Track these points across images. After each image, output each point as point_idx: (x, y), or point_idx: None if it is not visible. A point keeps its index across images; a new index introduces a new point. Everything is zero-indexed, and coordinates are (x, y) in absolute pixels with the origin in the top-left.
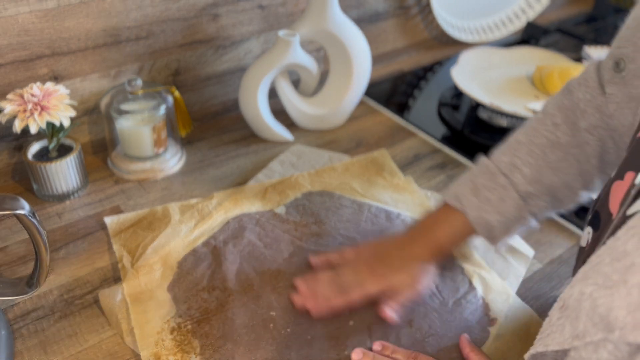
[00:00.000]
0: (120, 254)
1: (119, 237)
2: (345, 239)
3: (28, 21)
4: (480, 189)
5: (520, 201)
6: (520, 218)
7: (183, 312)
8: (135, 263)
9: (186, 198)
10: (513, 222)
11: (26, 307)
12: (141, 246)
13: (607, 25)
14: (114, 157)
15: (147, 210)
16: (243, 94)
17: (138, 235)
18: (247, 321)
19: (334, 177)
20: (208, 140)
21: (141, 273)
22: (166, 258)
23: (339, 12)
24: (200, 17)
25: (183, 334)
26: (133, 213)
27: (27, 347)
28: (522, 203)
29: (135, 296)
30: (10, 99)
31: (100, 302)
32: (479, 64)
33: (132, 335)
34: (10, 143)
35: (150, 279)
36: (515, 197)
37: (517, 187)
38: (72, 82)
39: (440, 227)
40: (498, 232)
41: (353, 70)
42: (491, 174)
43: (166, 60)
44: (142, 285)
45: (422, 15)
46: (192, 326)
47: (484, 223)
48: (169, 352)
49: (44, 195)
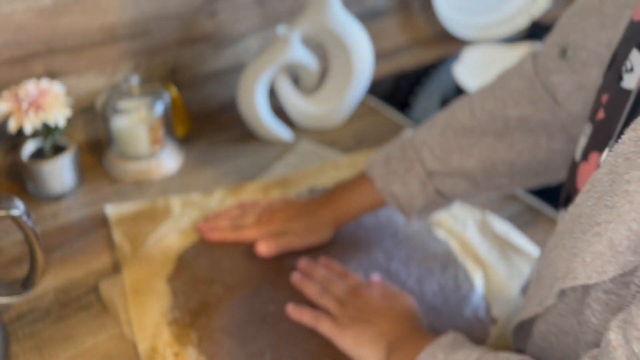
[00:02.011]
0: (121, 243)
1: (120, 226)
2: (347, 234)
3: (24, 19)
4: (391, 160)
5: (425, 177)
6: (425, 194)
7: (182, 304)
8: (136, 253)
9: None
10: (418, 196)
11: (22, 309)
12: (141, 237)
13: None
14: (110, 156)
15: (149, 202)
16: (241, 92)
17: (139, 226)
18: (246, 315)
19: (336, 174)
20: (206, 140)
21: (141, 264)
22: (166, 250)
23: (339, 8)
24: (198, 14)
25: (181, 327)
26: (134, 203)
27: (23, 350)
28: (426, 179)
29: (135, 287)
30: (5, 97)
31: (100, 293)
32: (482, 61)
33: (131, 326)
34: (5, 142)
35: (150, 270)
36: (420, 172)
37: (423, 164)
38: (67, 80)
39: (349, 194)
40: (406, 205)
41: (354, 68)
42: (404, 147)
43: (163, 58)
44: (141, 276)
45: (424, 11)
46: (190, 319)
47: (389, 193)
48: (166, 344)
49: (39, 196)
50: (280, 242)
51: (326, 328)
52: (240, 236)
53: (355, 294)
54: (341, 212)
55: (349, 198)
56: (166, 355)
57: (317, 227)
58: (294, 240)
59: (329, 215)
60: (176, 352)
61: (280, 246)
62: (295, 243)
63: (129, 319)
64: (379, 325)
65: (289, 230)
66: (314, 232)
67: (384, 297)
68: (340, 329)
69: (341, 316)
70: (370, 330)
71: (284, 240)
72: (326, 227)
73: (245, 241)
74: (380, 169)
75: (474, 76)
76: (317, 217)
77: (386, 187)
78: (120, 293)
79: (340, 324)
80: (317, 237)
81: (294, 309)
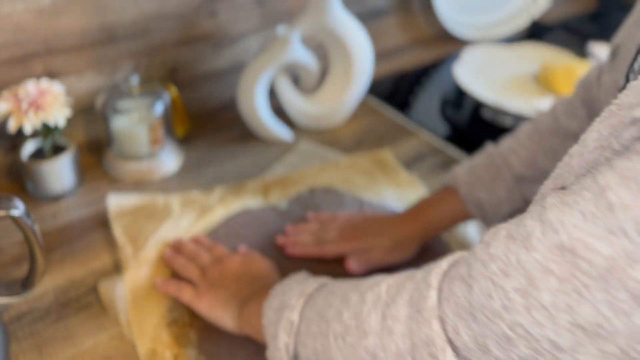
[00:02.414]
0: (122, 242)
1: (120, 221)
2: None
3: (23, 19)
4: (476, 169)
5: (513, 183)
6: (511, 200)
7: (181, 305)
8: (136, 254)
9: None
10: (504, 203)
11: (21, 310)
12: (142, 237)
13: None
14: (110, 156)
15: (150, 197)
16: (241, 92)
17: (139, 224)
18: None
19: (337, 174)
20: (206, 139)
21: (141, 265)
22: (166, 251)
23: (339, 8)
24: (198, 14)
25: (180, 327)
26: (136, 195)
27: (23, 350)
28: (514, 185)
29: (134, 290)
30: (5, 97)
31: (99, 294)
32: (482, 61)
33: (130, 327)
34: (5, 142)
35: (150, 272)
36: (508, 177)
37: (512, 169)
38: (67, 80)
39: (433, 207)
40: (489, 211)
41: (354, 68)
42: (490, 155)
43: (163, 57)
44: (141, 278)
45: (425, 11)
46: (189, 319)
47: (474, 200)
48: (165, 346)
49: (39, 195)
50: (370, 259)
51: (186, 297)
52: (323, 252)
53: (217, 263)
54: (428, 225)
55: (435, 210)
56: (166, 357)
57: (404, 243)
58: (383, 257)
59: (416, 230)
60: (176, 353)
61: (370, 263)
62: (384, 259)
63: (129, 321)
64: (232, 288)
65: (376, 246)
66: (402, 248)
67: (242, 262)
68: (198, 296)
69: (201, 284)
70: (224, 293)
71: (374, 257)
72: (413, 243)
73: (329, 257)
74: (465, 177)
75: (474, 76)
76: (404, 232)
77: (472, 193)
78: (120, 295)
79: (199, 291)
80: (404, 253)
81: (159, 283)
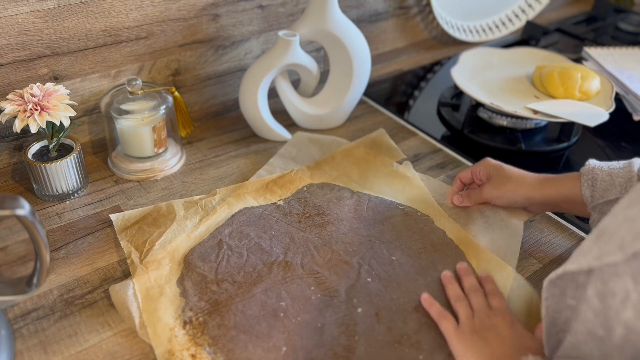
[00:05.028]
0: (128, 250)
1: (125, 233)
2: (348, 229)
3: (28, 21)
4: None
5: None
6: (624, 191)
7: (193, 304)
8: (144, 259)
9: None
10: (614, 189)
11: (26, 307)
12: (148, 242)
13: (606, 26)
14: (114, 157)
15: (152, 207)
16: (243, 94)
17: (144, 231)
18: (258, 311)
19: (333, 168)
20: (208, 140)
21: (150, 269)
22: (173, 254)
23: (338, 12)
24: (200, 17)
25: (195, 327)
26: (138, 210)
27: (27, 347)
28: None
29: (146, 292)
30: (11, 99)
31: (111, 298)
32: (479, 64)
33: (145, 329)
34: (10, 143)
35: (159, 275)
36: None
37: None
38: (72, 82)
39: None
40: (598, 194)
41: (353, 70)
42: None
43: (166, 60)
44: (151, 281)
45: (422, 15)
46: (204, 318)
47: (589, 170)
48: (182, 347)
49: (44, 195)
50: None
51: (447, 328)
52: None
53: (489, 313)
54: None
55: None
56: (183, 357)
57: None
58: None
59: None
60: (193, 353)
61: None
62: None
63: (143, 323)
64: (494, 348)
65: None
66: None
67: (512, 328)
68: (459, 335)
69: (465, 325)
70: (482, 346)
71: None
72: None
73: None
74: (594, 161)
75: (472, 79)
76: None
77: (590, 164)
78: (132, 297)
79: (461, 330)
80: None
81: (427, 298)
